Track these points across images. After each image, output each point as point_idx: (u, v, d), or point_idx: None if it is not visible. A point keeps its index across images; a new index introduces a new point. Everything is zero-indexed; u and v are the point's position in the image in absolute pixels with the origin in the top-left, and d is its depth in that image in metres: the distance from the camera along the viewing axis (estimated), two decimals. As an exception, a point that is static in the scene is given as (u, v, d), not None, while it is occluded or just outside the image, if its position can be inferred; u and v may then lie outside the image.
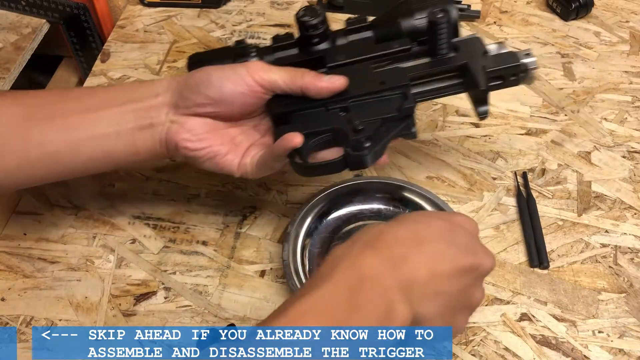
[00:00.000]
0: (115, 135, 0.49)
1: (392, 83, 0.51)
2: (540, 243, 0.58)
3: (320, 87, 0.49)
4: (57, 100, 0.50)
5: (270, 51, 0.55)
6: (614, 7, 0.86)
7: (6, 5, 0.77)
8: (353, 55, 0.53)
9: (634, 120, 0.71)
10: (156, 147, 0.50)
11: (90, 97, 0.50)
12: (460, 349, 0.52)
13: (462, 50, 0.53)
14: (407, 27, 0.54)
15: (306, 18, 0.52)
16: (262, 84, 0.49)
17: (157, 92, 0.49)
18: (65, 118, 0.49)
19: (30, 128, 0.48)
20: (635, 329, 0.53)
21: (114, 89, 0.52)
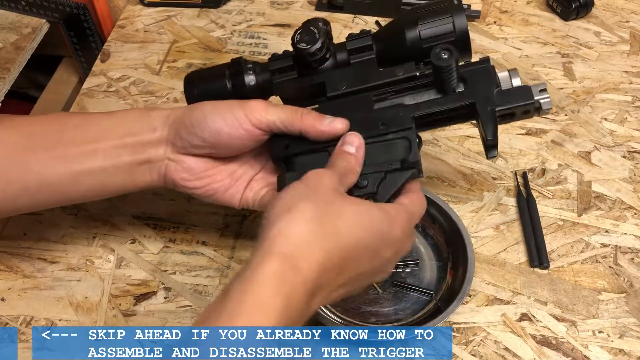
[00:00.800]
0: (113, 169, 0.48)
1: (395, 126, 0.48)
2: (541, 243, 0.58)
3: (320, 131, 0.47)
4: (56, 129, 0.50)
5: (267, 72, 0.52)
6: (614, 7, 0.86)
7: (6, 5, 0.77)
8: (354, 84, 0.50)
9: (634, 120, 0.71)
10: (154, 182, 0.50)
11: (88, 127, 0.49)
12: (460, 349, 0.52)
13: (471, 83, 0.48)
14: (412, 39, 0.49)
15: (303, 45, 0.48)
16: (260, 126, 0.47)
17: (155, 127, 0.48)
18: (64, 148, 0.48)
19: (29, 157, 0.48)
20: (636, 329, 0.53)
21: (112, 118, 0.51)
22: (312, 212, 0.40)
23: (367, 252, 0.42)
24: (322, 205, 0.41)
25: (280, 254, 0.37)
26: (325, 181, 0.42)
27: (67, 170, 0.48)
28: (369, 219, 0.42)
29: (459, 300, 0.51)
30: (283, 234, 0.38)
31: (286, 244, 0.38)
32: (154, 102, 0.73)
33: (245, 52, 0.79)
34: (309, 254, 0.38)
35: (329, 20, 0.51)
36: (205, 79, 0.52)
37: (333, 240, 0.39)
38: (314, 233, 0.39)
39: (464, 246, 0.55)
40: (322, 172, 0.43)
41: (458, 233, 0.56)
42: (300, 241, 0.38)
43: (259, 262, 0.37)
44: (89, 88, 0.76)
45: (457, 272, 0.55)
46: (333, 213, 0.40)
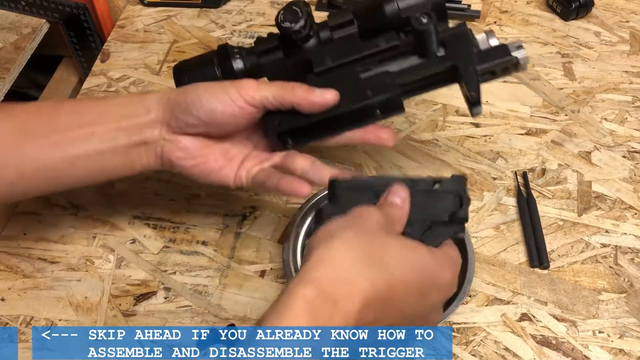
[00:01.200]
0: (110, 152, 0.49)
1: (381, 93, 0.49)
2: (541, 243, 0.58)
3: (312, 102, 0.48)
4: (51, 114, 0.50)
5: (254, 55, 0.53)
6: (614, 7, 0.86)
7: (6, 5, 0.77)
8: (339, 58, 0.51)
9: (634, 120, 0.71)
10: (151, 163, 0.50)
11: (84, 112, 0.50)
12: (460, 349, 0.52)
13: (451, 46, 0.50)
14: (391, 12, 0.51)
15: (287, 24, 0.50)
16: (253, 103, 0.48)
17: (150, 109, 0.49)
18: (60, 134, 0.48)
19: (25, 143, 0.48)
20: (636, 329, 0.53)
21: (107, 103, 0.52)
22: (357, 240, 0.38)
23: (414, 292, 0.39)
24: (368, 236, 0.39)
25: (315, 281, 0.35)
26: (372, 215, 0.41)
27: (63, 155, 0.48)
28: (418, 257, 0.40)
29: (459, 300, 0.51)
30: (323, 259, 0.36)
31: (324, 270, 0.36)
32: (154, 102, 0.73)
33: (245, 52, 0.79)
34: (350, 283, 0.36)
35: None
36: (194, 67, 0.54)
37: (378, 271, 0.37)
38: (356, 261, 0.36)
39: (464, 246, 0.55)
40: (369, 208, 0.41)
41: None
42: (341, 268, 0.36)
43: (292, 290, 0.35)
44: (89, 88, 0.76)
45: (457, 272, 0.55)
46: (379, 245, 0.38)
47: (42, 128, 0.48)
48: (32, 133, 0.48)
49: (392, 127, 0.70)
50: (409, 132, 0.70)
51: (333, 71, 0.51)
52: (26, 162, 0.48)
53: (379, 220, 0.41)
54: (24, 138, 0.48)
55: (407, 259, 0.39)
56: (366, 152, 0.68)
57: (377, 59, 0.51)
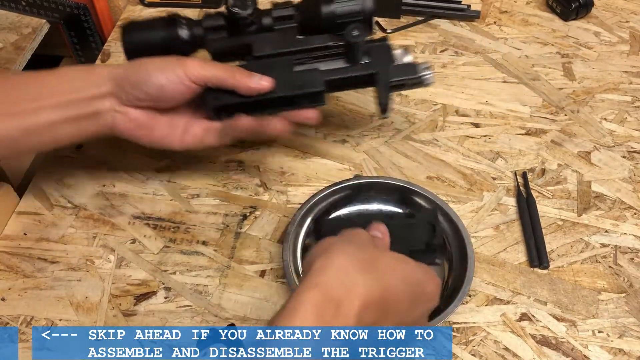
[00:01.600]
0: (62, 123, 0.52)
1: (309, 87, 0.56)
2: (540, 243, 0.58)
3: (249, 88, 0.54)
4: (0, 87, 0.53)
5: (200, 28, 0.57)
6: (614, 7, 0.86)
7: (6, 5, 0.77)
8: (278, 47, 0.58)
9: (634, 120, 0.71)
10: (100, 132, 0.55)
11: (33, 85, 0.53)
12: (460, 348, 0.52)
13: (374, 56, 0.58)
14: (326, 14, 0.57)
15: (236, 10, 0.56)
16: (197, 82, 0.53)
17: (100, 83, 0.53)
18: (11, 106, 0.51)
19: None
20: (635, 329, 0.53)
21: (55, 77, 0.54)
22: (352, 250, 0.40)
23: (407, 299, 0.41)
24: (362, 247, 0.42)
25: (319, 285, 0.37)
26: (361, 234, 0.44)
27: (16, 126, 0.51)
28: (407, 267, 0.43)
29: (458, 300, 0.51)
30: (324, 267, 0.38)
31: (326, 276, 0.38)
32: (154, 102, 0.73)
33: (245, 52, 0.79)
34: (350, 287, 0.38)
35: None
36: (141, 29, 0.57)
37: (373, 278, 0.39)
38: (354, 267, 0.39)
39: (463, 246, 0.55)
40: (357, 229, 0.45)
41: (458, 233, 0.56)
42: (341, 273, 0.38)
43: (299, 294, 0.37)
44: (89, 88, 0.75)
45: (457, 272, 0.55)
46: (372, 256, 0.41)
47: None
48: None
49: (391, 127, 0.70)
50: (409, 132, 0.70)
51: (270, 58, 0.57)
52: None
53: (369, 238, 0.44)
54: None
55: (398, 269, 0.42)
56: (366, 152, 0.68)
57: (310, 56, 0.58)
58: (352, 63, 0.58)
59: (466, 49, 0.80)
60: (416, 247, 0.52)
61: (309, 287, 0.37)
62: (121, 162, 0.67)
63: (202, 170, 0.66)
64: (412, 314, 0.43)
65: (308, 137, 0.69)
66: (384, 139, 0.69)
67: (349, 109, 0.72)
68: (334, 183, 0.61)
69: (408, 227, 0.53)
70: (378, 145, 0.68)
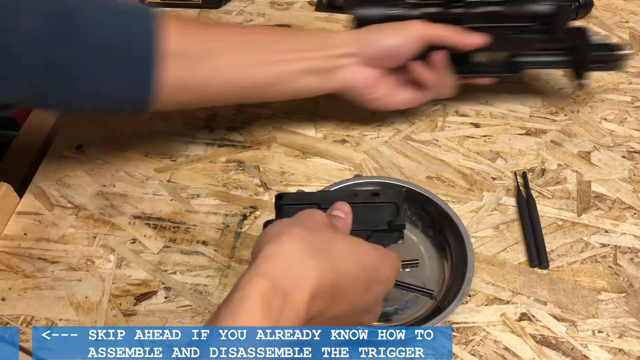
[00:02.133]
0: (309, 74, 0.61)
1: (519, 48, 0.66)
2: (540, 243, 0.58)
3: (468, 43, 0.62)
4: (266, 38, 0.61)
5: (416, 5, 0.66)
6: (613, 7, 0.86)
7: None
8: (484, 22, 0.65)
9: (634, 120, 0.71)
10: (335, 88, 0.63)
11: (289, 40, 0.62)
12: (460, 348, 0.52)
13: (573, 35, 0.66)
14: (530, 10, 0.65)
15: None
16: (427, 39, 0.61)
17: (344, 43, 0.61)
18: (273, 54, 0.59)
19: (243, 62, 0.58)
20: (635, 328, 0.53)
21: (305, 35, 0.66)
22: (303, 234, 0.39)
23: (359, 284, 0.41)
24: (314, 231, 0.41)
25: (267, 275, 0.36)
26: (317, 215, 0.43)
27: (276, 72, 0.59)
28: (361, 251, 0.42)
29: (458, 300, 0.51)
30: (272, 254, 0.37)
31: (274, 264, 0.37)
32: (154, 102, 0.73)
33: (245, 52, 0.79)
34: (299, 275, 0.37)
35: (329, 21, 0.56)
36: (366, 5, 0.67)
37: (325, 262, 0.38)
38: (304, 253, 0.38)
39: (463, 246, 0.55)
40: (313, 210, 0.45)
41: (458, 233, 0.56)
42: (289, 261, 0.37)
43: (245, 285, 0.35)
44: (89, 88, 0.76)
45: (457, 272, 0.55)
46: (325, 239, 0.40)
47: (259, 48, 0.59)
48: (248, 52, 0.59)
49: (391, 127, 0.70)
50: (409, 132, 0.70)
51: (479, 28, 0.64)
52: (243, 77, 0.59)
53: (324, 220, 0.43)
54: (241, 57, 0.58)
55: (351, 253, 0.41)
56: (366, 152, 0.68)
57: (516, 31, 0.65)
58: (555, 34, 0.65)
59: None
60: (379, 226, 0.50)
61: (255, 276, 0.36)
62: (121, 162, 0.67)
63: (202, 170, 0.66)
64: (365, 298, 0.42)
65: (308, 137, 0.69)
66: (384, 139, 0.69)
67: (349, 109, 0.72)
68: (334, 183, 0.61)
69: (372, 207, 0.51)
70: (378, 145, 0.68)
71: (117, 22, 0.53)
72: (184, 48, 0.55)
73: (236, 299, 0.35)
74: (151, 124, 0.71)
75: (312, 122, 0.71)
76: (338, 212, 0.47)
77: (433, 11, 0.67)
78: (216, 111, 0.72)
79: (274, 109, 0.73)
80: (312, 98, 0.64)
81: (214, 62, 0.57)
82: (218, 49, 0.58)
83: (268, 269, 0.37)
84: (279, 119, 0.71)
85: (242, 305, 0.35)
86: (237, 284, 0.36)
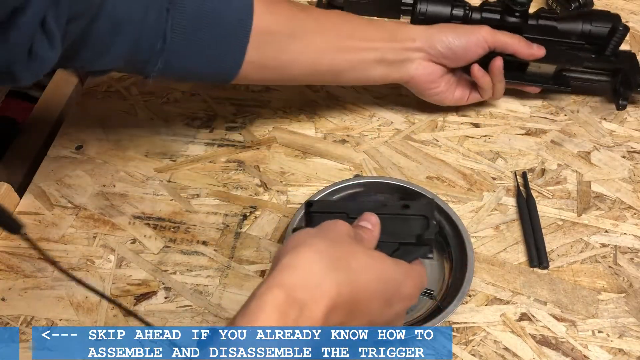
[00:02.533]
0: (379, 64, 0.63)
1: (571, 63, 0.69)
2: (540, 243, 0.58)
3: (529, 53, 0.65)
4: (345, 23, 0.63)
5: (478, 10, 0.70)
6: (613, 7, 0.86)
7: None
8: (542, 34, 0.69)
9: (634, 120, 0.71)
10: (401, 79, 0.66)
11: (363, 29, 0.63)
12: (460, 348, 0.52)
13: (621, 58, 0.70)
14: (584, 30, 0.70)
15: None
16: (490, 45, 0.64)
17: (414, 37, 0.63)
18: (344, 40, 0.61)
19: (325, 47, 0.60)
20: (635, 328, 0.53)
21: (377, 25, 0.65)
22: (323, 246, 0.39)
23: (379, 300, 0.41)
24: (335, 243, 0.40)
25: (284, 285, 0.36)
26: (341, 226, 0.43)
27: (346, 59, 0.61)
28: (382, 266, 0.42)
29: (458, 300, 0.52)
30: (290, 265, 0.37)
31: (291, 275, 0.37)
32: (154, 102, 0.73)
33: (245, 52, 0.79)
34: (317, 287, 0.37)
35: None
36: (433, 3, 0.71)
37: (344, 276, 0.38)
38: (323, 265, 0.38)
39: (463, 246, 0.55)
40: (338, 220, 0.44)
41: (458, 233, 0.56)
42: (308, 273, 0.37)
43: (262, 294, 0.35)
44: (90, 88, 0.76)
45: (457, 272, 0.55)
46: (346, 252, 0.40)
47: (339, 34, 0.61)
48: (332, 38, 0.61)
49: (391, 127, 0.70)
50: (409, 132, 0.70)
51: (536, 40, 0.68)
52: (321, 62, 0.61)
53: (348, 232, 0.43)
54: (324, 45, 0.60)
55: (372, 267, 0.41)
56: (366, 152, 0.68)
57: (567, 46, 0.69)
58: (603, 56, 0.70)
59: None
60: (406, 239, 0.49)
61: (272, 286, 0.36)
62: (121, 162, 0.67)
63: (202, 170, 0.66)
64: (385, 313, 0.42)
65: (308, 137, 0.69)
66: (384, 139, 0.69)
67: (349, 109, 0.73)
68: (334, 183, 0.61)
69: (401, 219, 0.51)
70: (378, 145, 0.68)
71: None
72: (274, 28, 0.57)
73: (252, 308, 0.35)
74: (151, 124, 0.71)
75: (312, 122, 0.71)
76: (366, 223, 0.46)
77: (492, 17, 0.71)
78: (216, 111, 0.72)
79: (274, 109, 0.73)
80: (312, 98, 0.64)
81: (299, 45, 0.59)
82: (304, 32, 0.60)
83: (285, 279, 0.36)
84: (279, 119, 0.71)
85: (258, 315, 0.35)
86: (255, 293, 0.36)
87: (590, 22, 0.70)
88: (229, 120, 0.71)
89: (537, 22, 0.71)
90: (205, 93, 0.74)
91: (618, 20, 0.70)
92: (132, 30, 0.50)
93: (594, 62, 0.70)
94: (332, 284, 0.37)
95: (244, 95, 0.74)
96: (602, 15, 0.72)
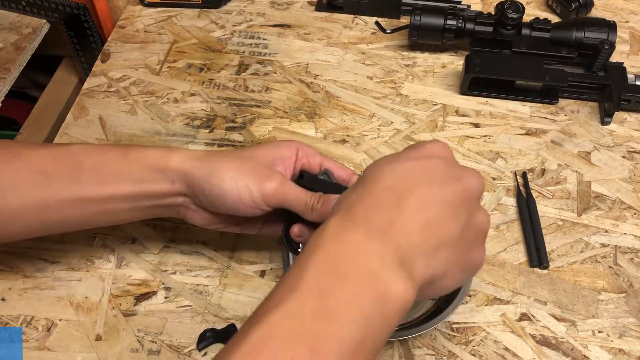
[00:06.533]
0: (131, 211, 0.51)
1: (554, 81, 0.69)
2: (540, 243, 0.58)
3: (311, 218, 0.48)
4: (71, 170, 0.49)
5: (471, 21, 0.73)
6: (613, 7, 0.86)
7: (6, 5, 0.77)
8: (532, 48, 0.72)
9: (634, 120, 0.71)
10: (171, 217, 0.53)
11: (104, 172, 0.50)
12: (460, 348, 0.52)
13: (609, 72, 0.71)
14: (577, 38, 0.71)
15: (510, 12, 0.71)
16: (272, 206, 0.49)
17: (173, 180, 0.49)
18: (81, 191, 0.49)
19: (47, 197, 0.48)
20: (635, 328, 0.53)
21: (129, 164, 0.50)
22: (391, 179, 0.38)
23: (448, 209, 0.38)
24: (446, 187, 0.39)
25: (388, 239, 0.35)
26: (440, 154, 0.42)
27: (86, 211, 0.49)
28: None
29: (458, 300, 0.52)
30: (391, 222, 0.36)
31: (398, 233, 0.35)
32: (154, 102, 0.73)
33: (246, 53, 0.80)
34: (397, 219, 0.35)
35: (329, 21, 0.54)
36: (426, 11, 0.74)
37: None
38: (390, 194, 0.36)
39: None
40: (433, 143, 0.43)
41: (458, 233, 0.56)
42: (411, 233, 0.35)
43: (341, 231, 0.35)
44: (90, 88, 0.76)
45: (456, 272, 0.55)
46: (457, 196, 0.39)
47: (64, 183, 0.49)
48: (54, 186, 0.48)
49: (391, 127, 0.70)
50: (409, 132, 0.70)
51: (523, 55, 0.72)
52: (50, 215, 0.49)
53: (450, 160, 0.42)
54: (45, 191, 0.48)
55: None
56: (366, 152, 0.68)
57: (557, 60, 0.72)
58: (592, 72, 0.71)
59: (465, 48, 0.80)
60: None
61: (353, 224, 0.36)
62: (121, 162, 0.67)
63: (202, 170, 0.66)
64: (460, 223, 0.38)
65: (308, 137, 0.69)
66: (384, 139, 0.69)
67: (349, 109, 0.73)
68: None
69: None
70: (378, 145, 0.68)
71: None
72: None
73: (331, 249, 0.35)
74: (151, 124, 0.71)
75: (312, 122, 0.71)
76: None
77: (485, 30, 0.72)
78: (216, 111, 0.72)
79: (274, 109, 0.73)
80: (312, 98, 0.63)
81: None
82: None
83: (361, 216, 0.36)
84: (279, 119, 0.72)
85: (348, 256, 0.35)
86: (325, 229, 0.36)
87: (583, 30, 0.71)
88: (229, 120, 0.71)
89: (530, 32, 0.72)
90: (206, 93, 0.74)
91: (613, 28, 0.71)
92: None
93: (579, 79, 0.71)
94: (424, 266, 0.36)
95: (244, 95, 0.74)
96: (597, 22, 0.72)
